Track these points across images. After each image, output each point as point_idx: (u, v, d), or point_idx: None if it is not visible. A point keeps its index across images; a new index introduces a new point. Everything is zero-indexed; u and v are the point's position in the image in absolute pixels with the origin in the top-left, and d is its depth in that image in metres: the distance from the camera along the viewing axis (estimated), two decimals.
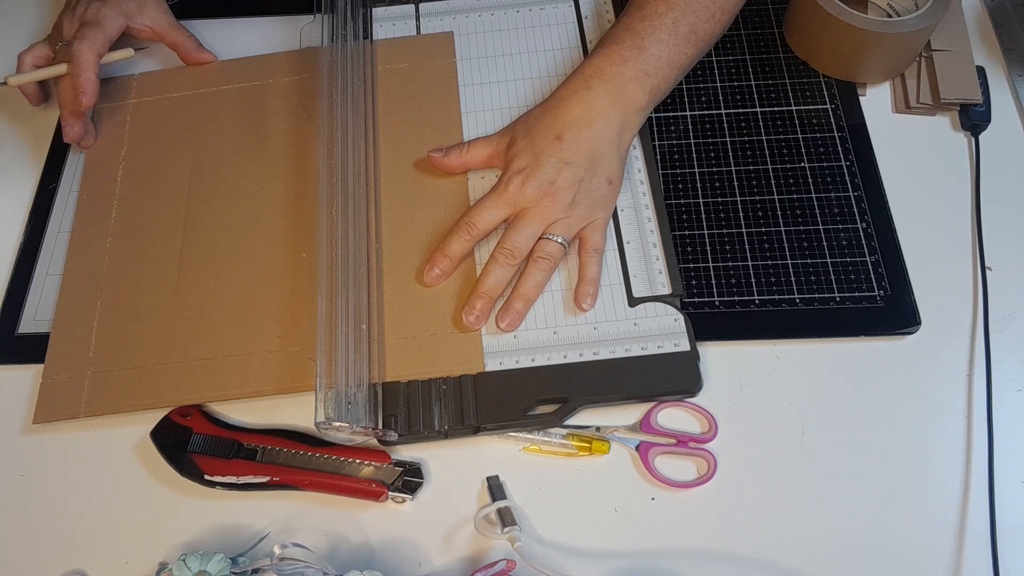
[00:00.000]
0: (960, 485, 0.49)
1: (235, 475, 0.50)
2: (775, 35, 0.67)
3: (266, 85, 0.66)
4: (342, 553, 0.49)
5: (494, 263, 0.54)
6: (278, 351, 0.54)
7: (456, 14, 0.68)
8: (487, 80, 0.65)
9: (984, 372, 0.52)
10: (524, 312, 0.54)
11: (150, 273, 0.58)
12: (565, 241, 0.54)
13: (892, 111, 0.63)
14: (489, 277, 0.53)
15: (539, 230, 0.54)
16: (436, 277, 0.55)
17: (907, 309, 0.54)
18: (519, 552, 0.46)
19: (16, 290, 0.59)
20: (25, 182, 0.64)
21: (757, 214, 0.58)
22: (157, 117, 0.65)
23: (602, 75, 0.56)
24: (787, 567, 0.47)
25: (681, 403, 0.52)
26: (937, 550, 0.48)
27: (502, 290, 0.54)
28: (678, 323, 0.53)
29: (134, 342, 0.55)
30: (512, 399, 0.51)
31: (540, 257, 0.54)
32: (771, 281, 0.56)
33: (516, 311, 0.53)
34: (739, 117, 0.63)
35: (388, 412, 0.51)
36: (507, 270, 0.54)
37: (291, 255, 0.58)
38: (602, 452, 0.51)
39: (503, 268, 0.53)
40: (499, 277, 0.53)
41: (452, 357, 0.53)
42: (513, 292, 0.54)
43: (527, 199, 0.54)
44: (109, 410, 0.53)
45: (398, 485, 0.50)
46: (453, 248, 0.54)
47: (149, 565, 0.49)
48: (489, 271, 0.53)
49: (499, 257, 0.54)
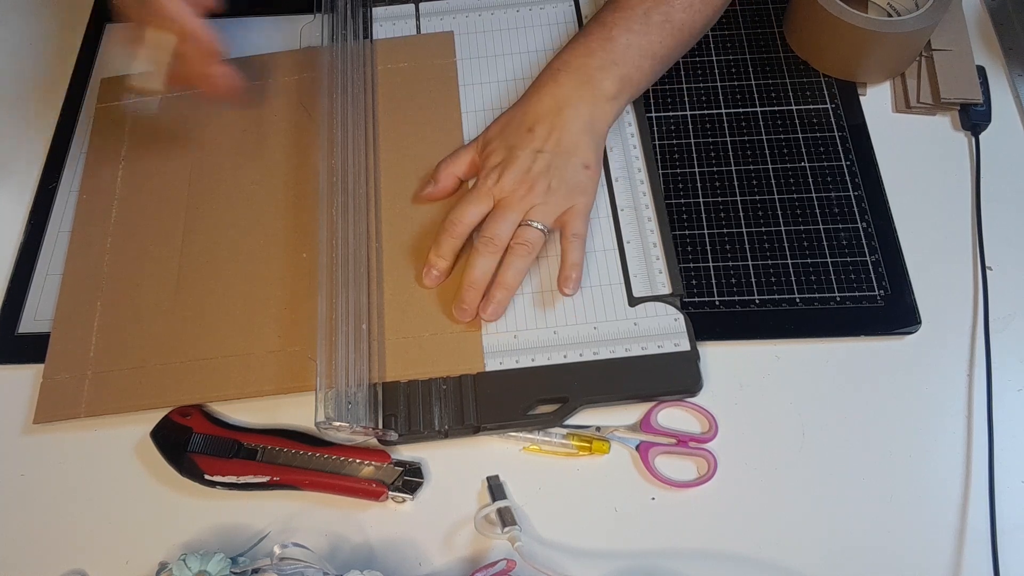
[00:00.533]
0: (960, 485, 0.49)
1: (235, 475, 0.50)
2: (775, 34, 0.67)
3: (266, 85, 0.66)
4: (342, 553, 0.49)
5: (477, 254, 0.54)
6: (278, 351, 0.54)
7: (456, 14, 0.68)
8: (487, 80, 0.65)
9: (984, 372, 0.52)
10: (505, 301, 0.54)
11: (150, 273, 0.58)
12: (544, 227, 0.54)
13: (892, 111, 0.63)
14: (475, 268, 0.53)
15: (518, 217, 0.54)
16: (435, 279, 0.55)
17: (907, 309, 0.54)
18: (519, 552, 0.46)
19: (16, 290, 0.59)
20: (25, 182, 0.64)
21: (757, 214, 0.58)
22: (157, 117, 0.65)
23: (567, 67, 0.57)
24: (787, 567, 0.48)
25: (681, 403, 0.52)
26: (937, 550, 0.48)
27: (489, 280, 0.54)
28: (678, 323, 0.53)
29: (134, 342, 0.55)
30: (512, 399, 0.51)
31: (518, 243, 0.54)
32: (771, 281, 0.56)
33: (496, 300, 0.53)
34: (739, 117, 0.63)
35: (388, 412, 0.51)
36: (491, 259, 0.54)
37: (291, 255, 0.57)
38: (602, 452, 0.51)
39: (486, 257, 0.53)
40: (484, 267, 0.53)
41: (452, 357, 0.53)
42: (493, 281, 0.54)
43: (504, 190, 0.54)
44: (109, 410, 0.53)
45: (398, 485, 0.50)
46: (444, 248, 0.55)
47: (149, 565, 0.49)
48: (474, 263, 0.53)
49: (480, 247, 0.54)
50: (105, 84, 0.67)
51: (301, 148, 0.62)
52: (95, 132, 0.65)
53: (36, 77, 0.70)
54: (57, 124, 0.66)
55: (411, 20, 0.68)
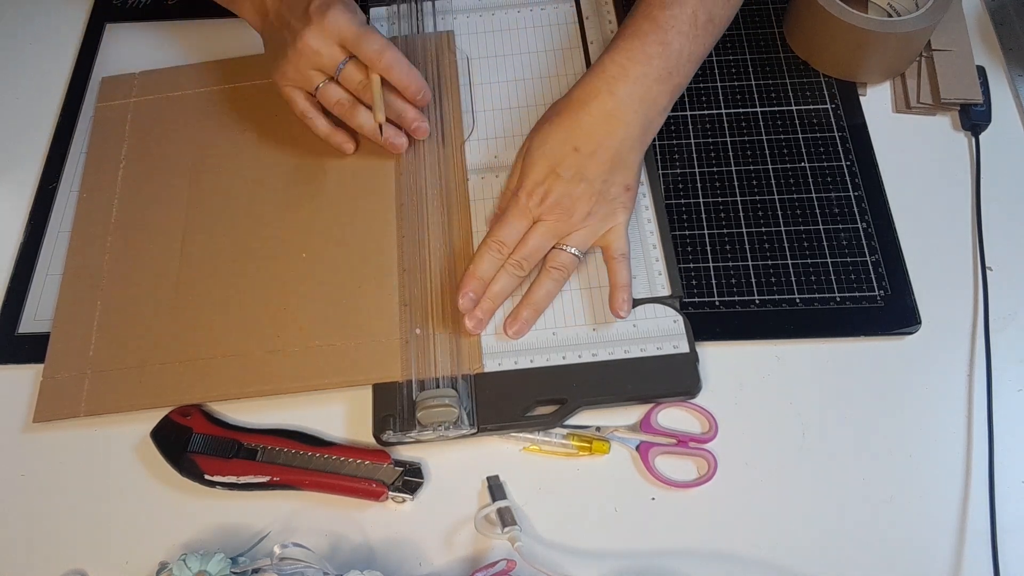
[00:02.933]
0: (960, 485, 0.49)
1: (235, 475, 0.50)
2: (775, 35, 0.67)
3: (266, 85, 0.65)
4: (342, 553, 0.49)
5: (503, 271, 0.53)
6: (278, 351, 0.54)
7: (456, 14, 0.68)
8: (488, 80, 0.64)
9: (984, 372, 0.52)
10: (532, 320, 0.53)
11: (150, 273, 0.58)
12: (580, 252, 0.54)
13: (892, 111, 0.63)
14: (497, 282, 0.53)
15: (552, 242, 0.54)
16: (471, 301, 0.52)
17: (907, 309, 0.54)
18: (519, 552, 0.46)
19: (16, 290, 0.59)
20: (25, 182, 0.64)
21: (757, 214, 0.58)
22: (157, 116, 0.65)
23: (626, 77, 0.53)
24: (787, 567, 0.48)
25: (681, 403, 0.52)
26: (937, 550, 0.48)
27: (507, 297, 0.54)
28: (677, 324, 0.53)
29: (134, 341, 0.55)
30: (511, 400, 0.51)
31: (553, 267, 0.53)
32: (771, 281, 0.56)
33: (524, 319, 0.53)
34: (739, 117, 0.63)
35: (387, 412, 0.51)
36: (514, 279, 0.53)
37: (291, 255, 0.57)
38: (602, 452, 0.51)
39: (510, 277, 0.53)
40: (505, 285, 0.53)
41: (452, 358, 0.53)
42: (523, 299, 0.54)
43: (544, 212, 0.53)
44: (109, 409, 0.53)
45: (398, 485, 0.50)
46: (484, 268, 0.53)
47: (149, 565, 0.49)
48: (497, 278, 0.53)
49: (508, 267, 0.53)
50: (105, 84, 0.67)
51: (301, 147, 0.62)
52: (95, 132, 0.65)
53: (36, 77, 0.70)
54: (57, 124, 0.66)
55: (411, 19, 0.68)
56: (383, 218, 0.58)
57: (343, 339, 0.54)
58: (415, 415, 0.50)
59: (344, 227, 0.58)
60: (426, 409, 0.49)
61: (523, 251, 0.53)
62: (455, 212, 0.58)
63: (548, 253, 0.54)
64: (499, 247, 0.53)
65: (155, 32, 0.71)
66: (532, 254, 0.53)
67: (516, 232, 0.54)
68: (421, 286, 0.55)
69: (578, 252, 0.54)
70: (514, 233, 0.54)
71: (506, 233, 0.53)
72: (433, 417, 0.49)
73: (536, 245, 0.53)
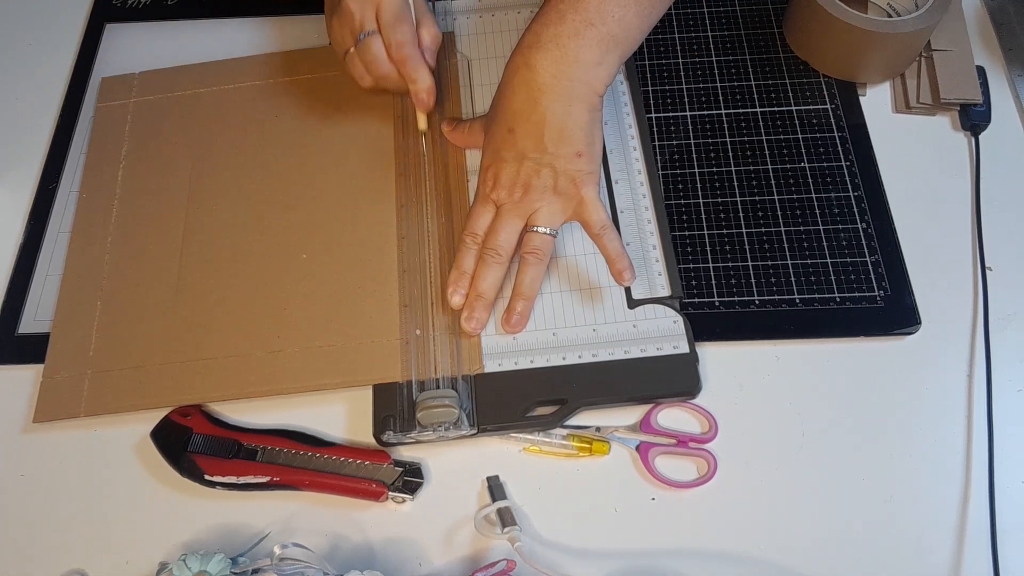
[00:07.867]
0: (960, 485, 0.49)
1: (235, 475, 0.50)
2: (775, 35, 0.67)
3: (266, 85, 0.66)
4: (342, 553, 0.49)
5: (483, 264, 0.53)
6: (278, 351, 0.54)
7: (457, 15, 0.68)
8: (488, 81, 0.64)
9: (984, 372, 0.52)
10: (527, 311, 0.53)
11: (150, 273, 0.58)
12: (551, 230, 0.53)
13: (892, 111, 0.63)
14: (482, 280, 0.53)
15: (519, 224, 0.54)
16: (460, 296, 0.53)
17: (907, 309, 0.54)
18: (519, 552, 0.46)
19: (16, 290, 0.59)
20: (25, 182, 0.64)
21: (757, 214, 0.58)
22: (157, 117, 0.65)
23: (539, 43, 0.52)
24: (787, 567, 0.48)
25: (681, 403, 0.52)
26: (937, 550, 0.48)
27: (498, 290, 0.54)
28: (677, 325, 0.53)
29: (134, 342, 0.55)
30: (511, 401, 0.51)
31: (527, 253, 0.53)
32: (771, 281, 0.56)
33: (518, 311, 0.53)
34: (739, 117, 0.63)
35: (387, 413, 0.51)
36: (497, 269, 0.53)
37: (291, 255, 0.57)
38: (602, 452, 0.51)
39: (492, 267, 0.53)
40: (491, 277, 0.53)
41: (452, 358, 0.53)
42: (512, 294, 0.54)
43: (500, 197, 0.54)
44: (109, 409, 0.53)
45: (398, 485, 0.50)
46: (463, 261, 0.54)
47: (149, 565, 0.49)
48: (481, 274, 0.53)
49: (486, 257, 0.53)
50: (105, 84, 0.67)
51: (301, 148, 0.62)
52: (95, 132, 0.65)
53: (36, 76, 0.70)
54: (57, 124, 0.66)
55: None
56: (383, 219, 0.58)
57: (343, 340, 0.54)
58: (415, 416, 0.50)
59: (344, 228, 0.58)
60: (426, 410, 0.49)
61: (494, 239, 0.53)
62: (455, 213, 0.58)
63: (522, 239, 0.54)
64: (472, 238, 0.54)
65: (155, 32, 0.71)
66: (503, 240, 0.53)
67: (483, 221, 0.54)
68: (421, 287, 0.55)
69: (548, 230, 0.53)
70: (481, 223, 0.54)
71: (474, 224, 0.54)
72: (433, 418, 0.49)
73: (503, 229, 0.53)
